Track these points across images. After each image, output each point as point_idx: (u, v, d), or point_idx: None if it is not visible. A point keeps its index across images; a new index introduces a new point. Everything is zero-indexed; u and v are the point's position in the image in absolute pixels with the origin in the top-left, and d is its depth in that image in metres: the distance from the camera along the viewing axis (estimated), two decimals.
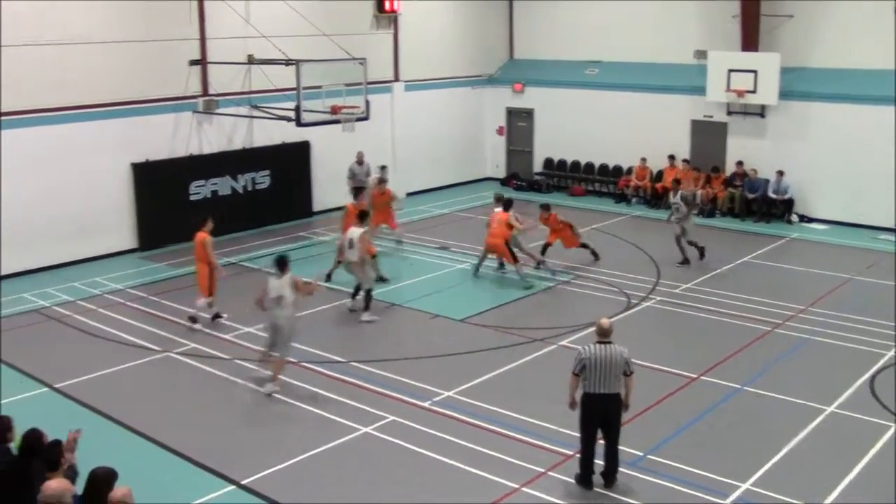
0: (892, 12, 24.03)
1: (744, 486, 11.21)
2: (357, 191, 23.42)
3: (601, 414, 10.93)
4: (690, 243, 21.15)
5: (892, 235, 23.47)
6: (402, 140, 28.36)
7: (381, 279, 19.54)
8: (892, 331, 16.68)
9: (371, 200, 21.33)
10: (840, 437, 12.68)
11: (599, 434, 11.10)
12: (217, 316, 17.55)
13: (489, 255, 20.41)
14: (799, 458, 12.04)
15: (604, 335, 10.94)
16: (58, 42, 20.44)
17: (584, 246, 21.35)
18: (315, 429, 12.84)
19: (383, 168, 24.78)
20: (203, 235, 17.07)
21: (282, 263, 14.34)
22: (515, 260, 19.66)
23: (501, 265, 20.72)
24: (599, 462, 11.17)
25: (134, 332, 16.85)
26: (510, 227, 19.77)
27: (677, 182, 23.46)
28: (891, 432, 12.69)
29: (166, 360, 15.55)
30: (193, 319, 17.26)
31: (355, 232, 17.65)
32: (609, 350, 10.80)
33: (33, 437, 8.64)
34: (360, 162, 24.73)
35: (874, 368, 15.01)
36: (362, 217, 18.29)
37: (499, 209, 20.27)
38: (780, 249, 23.06)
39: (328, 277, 19.34)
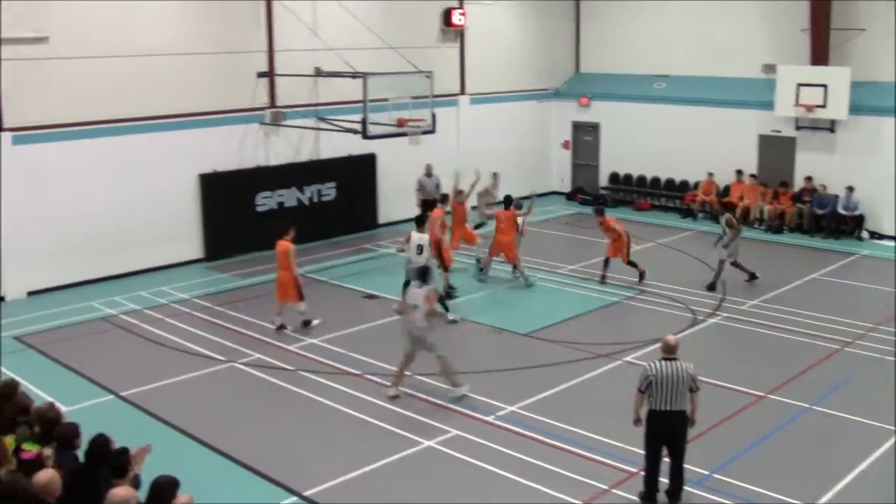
0: None
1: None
2: (425, 203, 23.61)
3: (666, 431, 10.80)
4: (735, 265, 20.68)
5: None
6: (468, 153, 28.35)
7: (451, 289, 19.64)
8: None
9: (454, 214, 21.23)
10: None
11: (664, 452, 10.97)
12: (307, 323, 17.85)
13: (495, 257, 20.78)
14: (869, 481, 11.77)
15: (669, 352, 10.81)
16: (132, 54, 20.86)
17: (632, 265, 21.02)
18: (379, 441, 12.87)
19: (495, 175, 24.64)
20: (286, 244, 17.48)
21: (423, 274, 14.70)
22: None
23: (481, 270, 21.06)
24: (664, 480, 11.03)
25: (199, 342, 17.06)
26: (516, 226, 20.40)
27: (724, 206, 23.03)
28: None
29: (231, 371, 15.70)
30: (282, 327, 17.61)
31: (422, 238, 18.05)
32: (675, 367, 10.66)
33: (100, 442, 8.75)
34: (428, 174, 24.78)
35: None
36: (420, 222, 18.86)
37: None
38: (849, 266, 22.62)
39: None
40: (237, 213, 23.06)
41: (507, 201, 21.22)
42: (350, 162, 25.37)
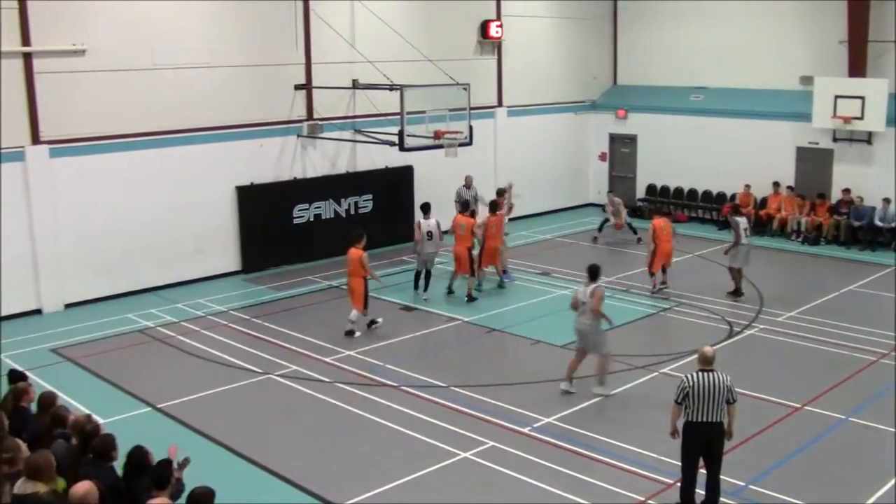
0: None
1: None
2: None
3: (704, 443, 10.79)
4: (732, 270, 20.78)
5: None
6: (505, 165, 28.47)
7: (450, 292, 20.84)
8: None
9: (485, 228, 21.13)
10: None
11: (700, 463, 10.96)
12: (372, 322, 18.33)
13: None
14: None
15: (706, 363, 10.80)
16: (169, 67, 21.11)
17: (651, 274, 21.25)
18: (415, 453, 12.93)
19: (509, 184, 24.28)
20: (358, 252, 17.96)
21: (593, 272, 15.20)
22: (473, 272, 20.41)
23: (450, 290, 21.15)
24: (700, 492, 11.01)
25: (236, 354, 17.20)
26: (473, 234, 20.64)
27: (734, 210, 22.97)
28: None
29: (268, 382, 15.82)
30: (351, 333, 17.98)
31: (430, 224, 20.56)
32: (712, 378, 10.65)
33: (139, 454, 8.87)
34: (467, 185, 24.84)
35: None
36: (425, 209, 21.03)
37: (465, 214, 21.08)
38: (886, 278, 22.43)
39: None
40: (274, 226, 23.24)
41: (493, 206, 21.65)
42: (387, 174, 25.51)
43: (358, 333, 18.08)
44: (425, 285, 20.67)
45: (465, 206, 21.57)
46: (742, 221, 20.62)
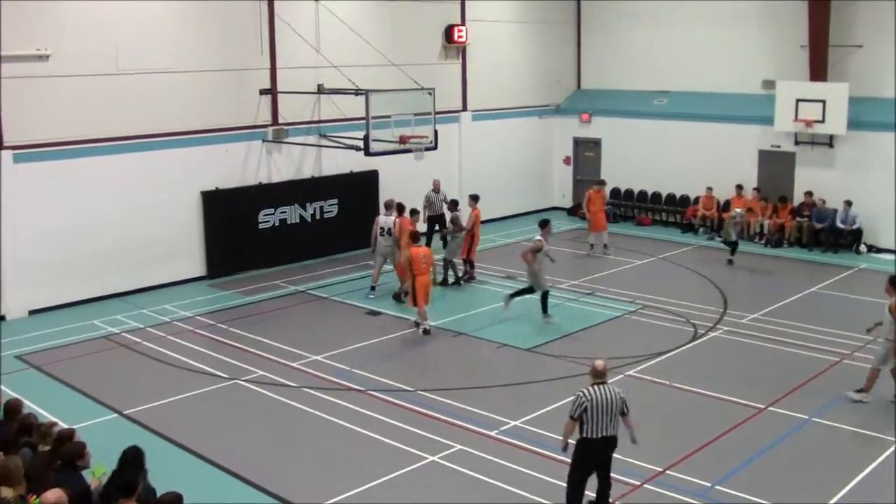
0: None
1: None
2: (432, 220, 24.31)
3: (599, 459, 10.80)
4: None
5: None
6: (470, 169, 28.53)
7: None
8: None
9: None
10: None
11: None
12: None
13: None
14: (869, 489, 11.90)
15: (599, 377, 10.75)
16: (134, 72, 20.93)
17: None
18: (382, 457, 12.92)
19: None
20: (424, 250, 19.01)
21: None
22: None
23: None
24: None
25: (202, 360, 17.10)
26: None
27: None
28: None
29: (234, 388, 15.75)
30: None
31: (388, 221, 21.02)
32: (607, 391, 10.61)
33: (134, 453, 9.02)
34: (436, 190, 24.97)
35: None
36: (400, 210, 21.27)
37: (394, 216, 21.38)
38: (848, 280, 22.76)
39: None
40: (239, 231, 23.15)
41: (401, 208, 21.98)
42: (352, 179, 25.49)
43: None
44: (543, 307, 19.35)
45: (455, 204, 22.99)
46: None
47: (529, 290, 19.47)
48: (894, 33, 24.99)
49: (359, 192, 25.68)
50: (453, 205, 23.19)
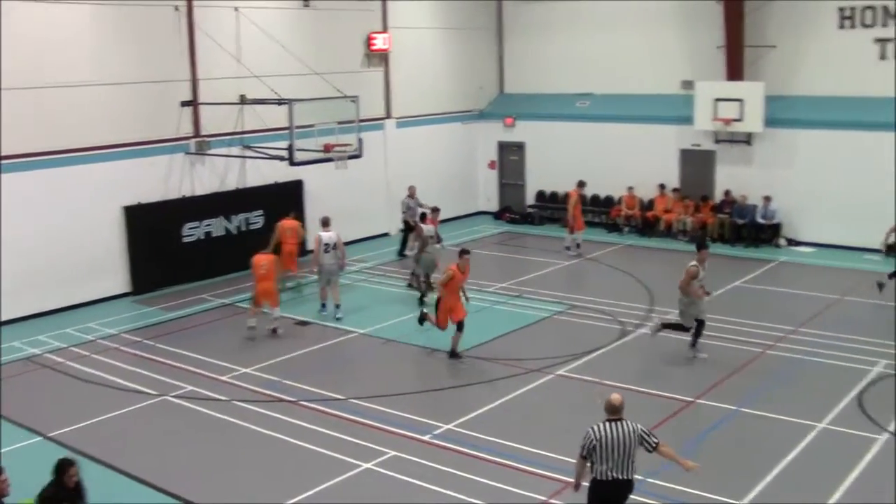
0: (870, 42, 24.77)
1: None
2: (408, 225, 24.85)
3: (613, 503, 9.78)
4: None
5: (877, 255, 23.75)
6: (396, 176, 28.48)
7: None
8: (878, 347, 17.09)
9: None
10: (832, 451, 13.02)
11: None
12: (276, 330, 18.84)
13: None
14: (794, 474, 12.28)
15: (614, 412, 9.65)
16: (51, 85, 20.50)
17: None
18: (316, 467, 12.84)
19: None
20: (269, 257, 19.23)
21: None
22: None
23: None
24: None
25: (129, 377, 16.76)
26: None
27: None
28: (879, 444, 13.08)
29: (163, 404, 15.47)
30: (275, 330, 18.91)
31: (330, 237, 20.08)
32: (620, 428, 9.54)
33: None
34: (411, 195, 25.24)
35: (862, 384, 15.39)
36: (325, 223, 20.55)
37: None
38: (769, 273, 23.27)
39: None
40: (163, 245, 22.80)
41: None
42: (277, 189, 25.29)
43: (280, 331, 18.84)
44: (694, 340, 17.17)
45: (436, 211, 22.58)
46: None
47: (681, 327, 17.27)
48: (806, 33, 25.76)
49: (284, 202, 25.40)
50: (434, 212, 22.65)
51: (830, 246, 25.23)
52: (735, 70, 26.75)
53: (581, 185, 26.51)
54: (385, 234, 28.49)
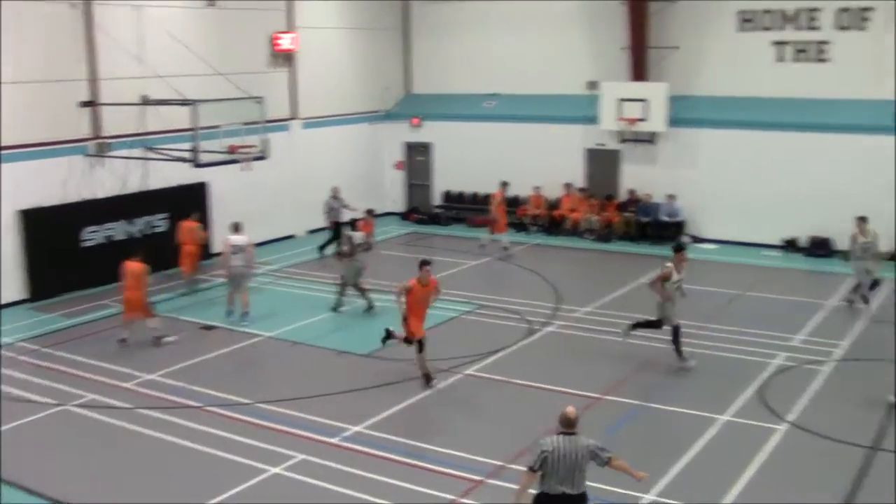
0: (769, 45, 25.52)
1: (650, 497, 11.60)
2: (335, 225, 24.91)
3: None
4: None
5: (778, 252, 24.43)
6: (303, 178, 28.22)
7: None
8: (778, 340, 17.60)
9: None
10: (734, 442, 13.38)
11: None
12: (159, 339, 18.29)
13: None
14: (699, 465, 12.56)
15: (569, 426, 9.45)
16: None
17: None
18: (224, 473, 12.62)
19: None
20: (138, 265, 18.19)
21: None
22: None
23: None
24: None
25: (27, 387, 16.20)
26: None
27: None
28: (779, 434, 13.54)
29: (64, 414, 15.01)
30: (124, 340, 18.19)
31: (240, 239, 19.91)
32: (574, 442, 9.37)
33: None
34: (335, 197, 25.14)
35: (763, 376, 15.88)
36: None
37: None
38: None
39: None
40: (63, 250, 22.14)
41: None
42: (181, 191, 24.79)
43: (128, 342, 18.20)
44: (677, 349, 16.57)
45: (370, 214, 22.76)
46: None
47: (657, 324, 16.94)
48: (708, 35, 26.45)
49: (189, 204, 24.95)
50: (368, 216, 22.70)
51: (732, 243, 25.83)
52: (639, 71, 27.19)
53: (504, 185, 26.55)
54: (291, 237, 28.21)
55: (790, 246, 25.43)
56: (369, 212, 22.95)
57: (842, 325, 18.80)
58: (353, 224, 22.36)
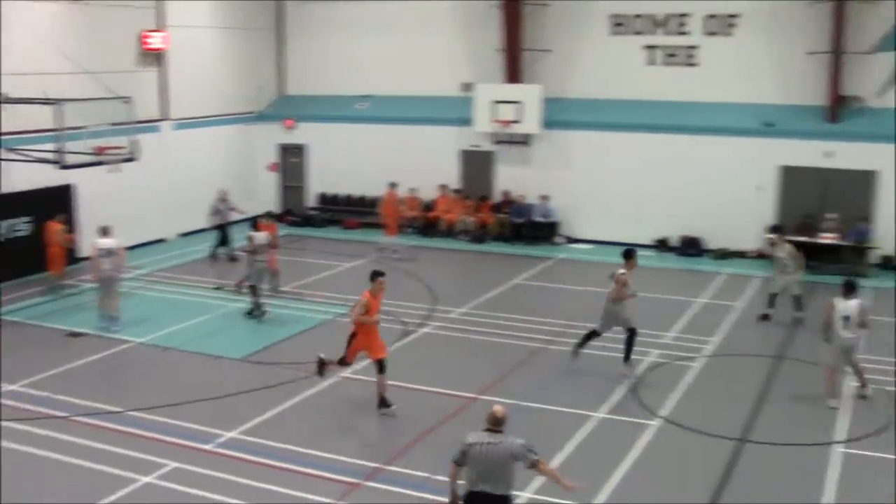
0: (640, 48, 26.21)
1: (527, 495, 11.72)
2: (223, 227, 24.71)
3: None
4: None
5: (650, 251, 25.02)
6: (175, 180, 27.61)
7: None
8: (651, 338, 17.96)
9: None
10: (608, 439, 13.69)
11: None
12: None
13: None
14: (574, 462, 12.74)
15: (495, 424, 9.39)
16: None
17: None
18: (92, 484, 12.21)
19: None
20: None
21: (850, 287, 15.08)
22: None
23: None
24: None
25: None
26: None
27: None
28: (652, 430, 13.85)
29: None
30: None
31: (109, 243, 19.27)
32: (496, 440, 9.27)
33: None
34: (223, 199, 24.82)
35: (636, 373, 16.31)
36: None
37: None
38: (548, 270, 24.07)
39: None
40: None
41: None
42: (46, 194, 23.91)
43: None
44: (626, 354, 16.50)
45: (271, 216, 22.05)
46: None
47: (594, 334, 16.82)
48: (580, 38, 26.97)
49: (53, 207, 24.10)
50: (269, 218, 22.43)
51: (605, 242, 26.27)
52: (513, 73, 27.53)
53: (393, 186, 26.43)
54: (162, 240, 27.58)
55: (662, 245, 26.11)
56: (269, 214, 22.63)
57: (712, 323, 19.41)
58: (254, 224, 21.66)
